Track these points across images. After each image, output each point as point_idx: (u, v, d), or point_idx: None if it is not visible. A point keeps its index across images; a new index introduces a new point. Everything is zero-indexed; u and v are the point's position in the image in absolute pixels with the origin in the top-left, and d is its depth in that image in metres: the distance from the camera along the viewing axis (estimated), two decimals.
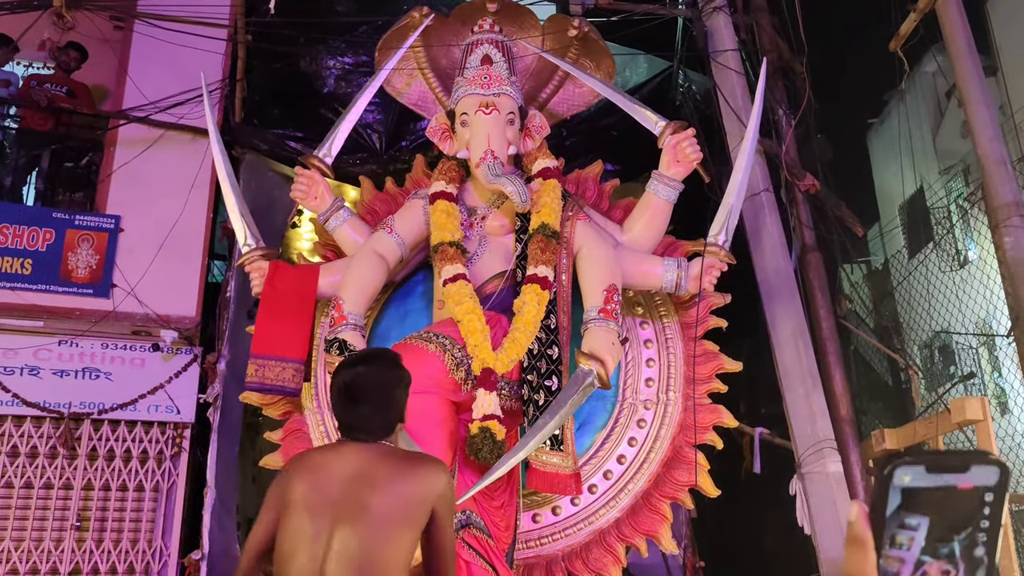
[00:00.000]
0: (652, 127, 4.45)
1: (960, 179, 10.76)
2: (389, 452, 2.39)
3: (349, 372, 2.42)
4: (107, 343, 5.70)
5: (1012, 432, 7.41)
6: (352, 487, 2.28)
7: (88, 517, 5.49)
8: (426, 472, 2.35)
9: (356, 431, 2.39)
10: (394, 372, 2.47)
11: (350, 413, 2.41)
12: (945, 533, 0.76)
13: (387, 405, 2.41)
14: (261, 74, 6.19)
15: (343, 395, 2.40)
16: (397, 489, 2.29)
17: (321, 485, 2.32)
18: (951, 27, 4.65)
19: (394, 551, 2.25)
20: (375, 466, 2.32)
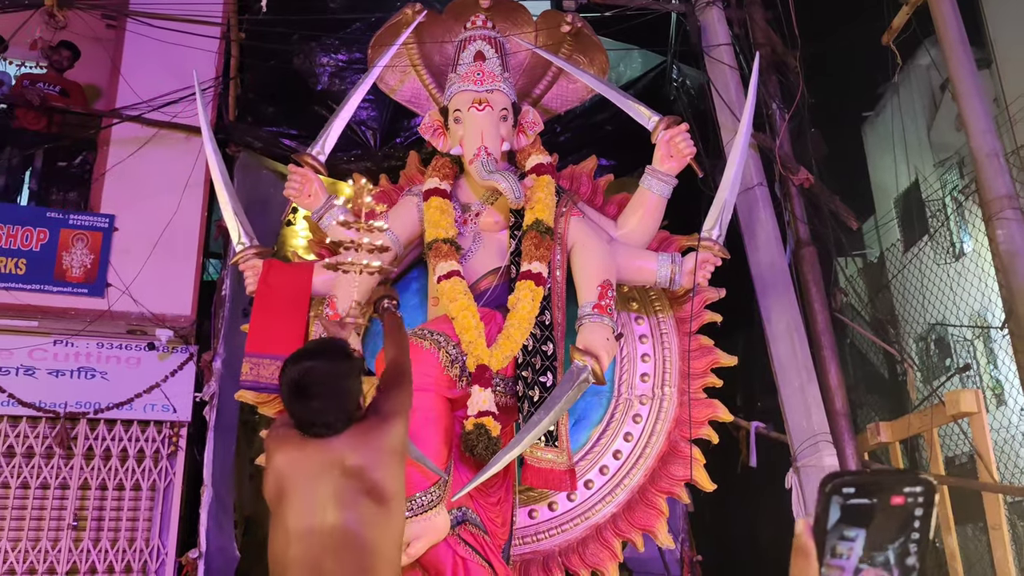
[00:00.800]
0: (646, 122, 4.45)
1: (955, 172, 10.76)
2: (358, 436, 2.38)
3: (297, 367, 2.37)
4: (102, 342, 5.70)
5: (1007, 424, 7.43)
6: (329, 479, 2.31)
7: (85, 517, 5.49)
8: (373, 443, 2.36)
9: (313, 427, 2.36)
10: (344, 363, 2.43)
11: (304, 408, 2.36)
12: (880, 543, 0.84)
13: (340, 398, 2.36)
14: (254, 72, 6.18)
15: (294, 391, 2.35)
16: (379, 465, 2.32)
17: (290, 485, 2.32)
18: (943, 20, 4.65)
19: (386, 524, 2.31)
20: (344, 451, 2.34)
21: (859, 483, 0.85)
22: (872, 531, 0.85)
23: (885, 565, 0.85)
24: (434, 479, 3.71)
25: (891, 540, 0.85)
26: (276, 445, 2.42)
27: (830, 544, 0.85)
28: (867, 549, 0.85)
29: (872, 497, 0.85)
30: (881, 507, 0.85)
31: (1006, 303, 4.48)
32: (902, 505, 0.85)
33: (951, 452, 7.53)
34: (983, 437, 4.46)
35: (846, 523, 0.85)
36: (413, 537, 3.52)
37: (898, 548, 0.85)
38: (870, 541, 0.85)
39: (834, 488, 0.85)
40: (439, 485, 3.70)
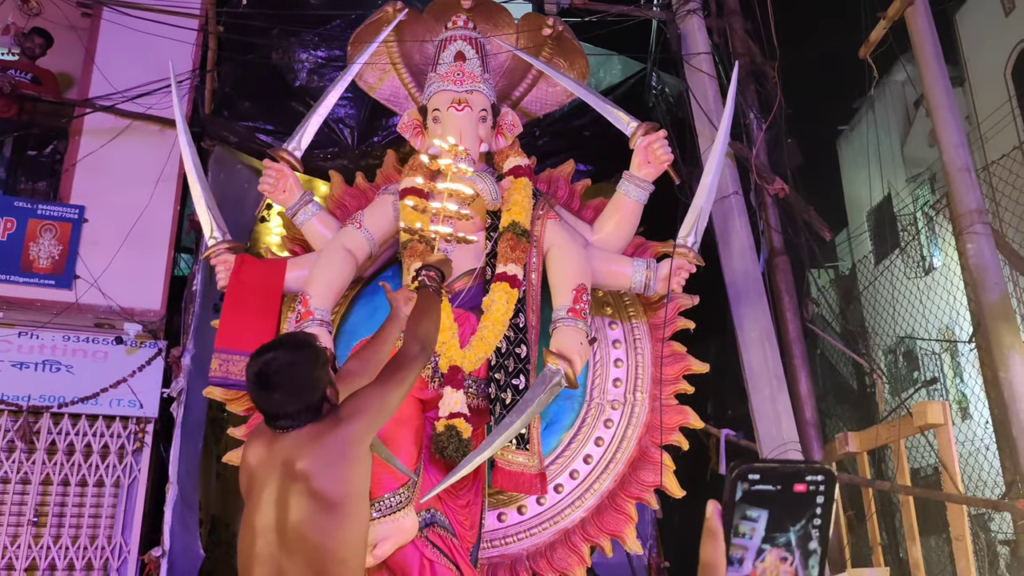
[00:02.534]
0: (624, 128, 4.46)
1: (927, 187, 10.93)
2: (317, 430, 2.32)
3: (259, 360, 2.34)
4: (69, 335, 5.60)
5: (972, 437, 7.54)
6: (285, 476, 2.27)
7: (46, 513, 5.39)
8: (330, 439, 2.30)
9: (277, 419, 2.33)
10: (306, 352, 2.39)
11: (267, 401, 2.33)
12: (782, 525, 0.90)
13: (301, 388, 2.32)
14: (232, 66, 6.11)
15: (256, 384, 2.32)
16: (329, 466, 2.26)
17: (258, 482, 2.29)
18: (919, 36, 4.72)
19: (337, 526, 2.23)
20: (308, 449, 2.29)
21: (764, 470, 0.89)
22: (774, 513, 0.90)
23: (787, 546, 0.90)
24: (403, 480, 3.68)
25: (793, 523, 0.90)
26: (251, 439, 2.41)
27: (734, 523, 0.90)
28: (769, 530, 0.90)
29: (776, 484, 0.89)
30: (784, 493, 0.89)
31: (974, 317, 4.55)
32: (804, 492, 0.89)
33: (917, 464, 7.63)
34: (948, 449, 4.51)
35: (749, 504, 0.90)
36: (380, 538, 3.48)
37: (799, 531, 0.90)
38: (772, 523, 0.90)
39: (740, 474, 0.89)
40: (408, 486, 3.67)
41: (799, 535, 0.90)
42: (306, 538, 2.19)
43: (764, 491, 0.89)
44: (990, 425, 5.03)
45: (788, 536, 0.90)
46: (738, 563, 0.91)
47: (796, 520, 0.90)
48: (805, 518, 0.90)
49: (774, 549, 0.90)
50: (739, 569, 0.91)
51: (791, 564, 0.91)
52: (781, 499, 0.89)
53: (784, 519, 0.90)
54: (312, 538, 2.19)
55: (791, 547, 0.90)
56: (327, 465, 2.23)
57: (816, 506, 0.90)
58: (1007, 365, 4.14)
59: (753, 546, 0.90)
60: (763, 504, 0.90)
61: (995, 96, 10.05)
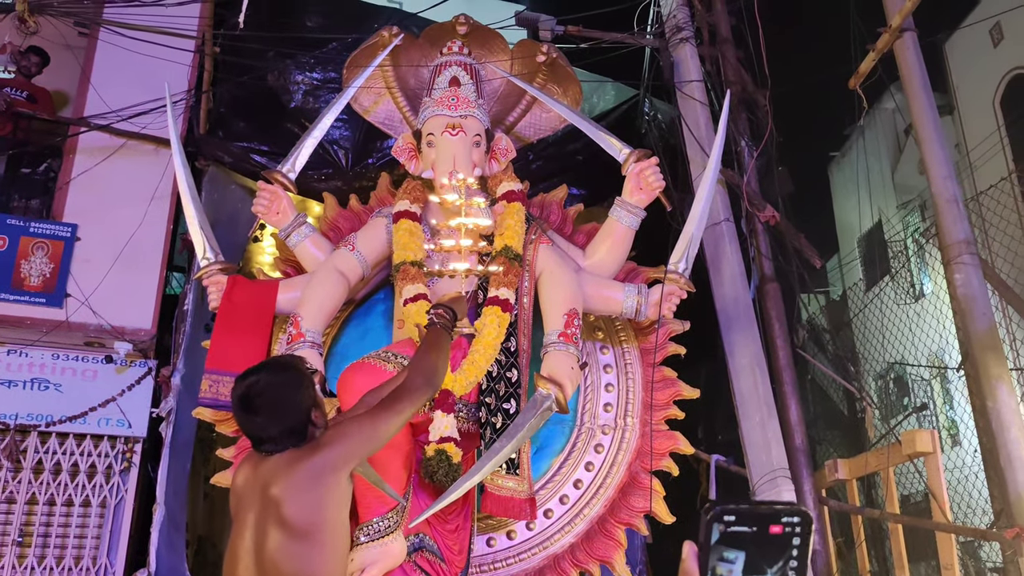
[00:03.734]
0: (616, 154, 4.49)
1: (917, 214, 11.02)
2: (292, 455, 2.30)
3: (242, 384, 2.35)
4: (58, 353, 5.58)
5: (961, 464, 7.55)
6: (264, 500, 2.25)
7: (31, 532, 5.34)
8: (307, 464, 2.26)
9: (262, 443, 2.32)
10: (286, 375, 2.39)
11: (250, 424, 2.34)
12: (759, 567, 0.90)
13: (283, 411, 2.32)
14: (227, 87, 6.13)
15: (240, 408, 2.33)
16: (300, 492, 2.23)
17: (243, 502, 2.28)
18: (907, 67, 4.78)
19: (306, 556, 2.19)
20: (284, 474, 2.26)
21: (739, 512, 0.90)
22: (751, 555, 0.90)
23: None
24: (392, 504, 3.66)
25: (770, 565, 0.90)
26: (243, 462, 2.41)
27: (711, 565, 0.90)
28: (746, 571, 0.90)
29: (752, 525, 0.90)
30: (760, 535, 0.90)
31: (963, 346, 4.57)
32: (780, 534, 0.90)
33: (907, 490, 7.63)
34: (937, 477, 4.52)
35: (726, 545, 0.90)
36: (369, 563, 3.47)
37: (776, 572, 0.90)
38: (749, 564, 0.90)
39: (715, 516, 0.90)
40: (397, 511, 3.66)
41: None
42: (279, 566, 2.17)
43: (740, 532, 0.90)
44: (979, 452, 5.05)
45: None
46: None
47: (773, 562, 0.90)
48: (782, 559, 0.90)
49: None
50: None
51: None
52: (757, 541, 0.90)
53: (761, 561, 0.90)
54: (285, 567, 2.16)
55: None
56: (298, 492, 2.20)
57: (792, 547, 0.90)
58: (995, 395, 4.16)
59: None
60: (740, 546, 0.90)
61: (984, 125, 10.17)
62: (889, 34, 4.96)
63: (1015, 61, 10.03)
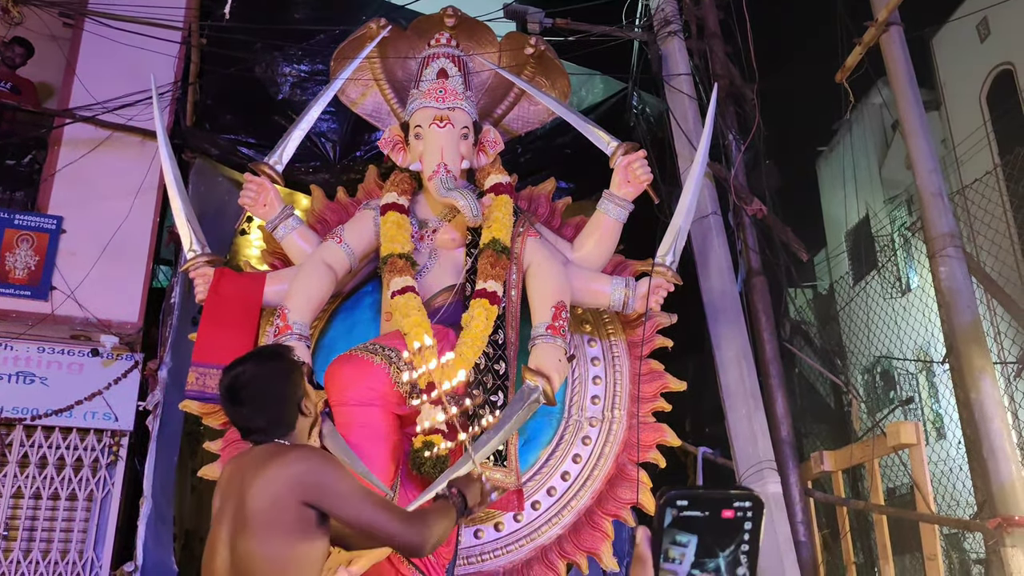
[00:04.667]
0: (604, 147, 4.50)
1: (904, 208, 11.08)
2: (271, 449, 2.26)
3: (228, 375, 2.33)
4: (44, 347, 5.55)
5: (946, 457, 7.61)
6: (239, 493, 2.21)
7: (17, 526, 5.31)
8: (276, 465, 2.17)
9: (250, 433, 2.31)
10: (273, 364, 2.37)
11: (236, 415, 2.32)
12: (711, 551, 0.91)
13: (269, 401, 2.30)
14: (214, 79, 6.10)
15: (226, 399, 2.31)
16: (260, 489, 2.16)
17: (225, 493, 2.26)
18: (894, 63, 4.80)
19: (265, 556, 2.12)
20: (256, 465, 2.21)
21: (692, 497, 0.91)
22: (704, 539, 0.91)
23: (716, 572, 0.91)
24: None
25: (722, 549, 0.91)
26: (234, 456, 2.39)
27: (664, 548, 0.91)
28: (699, 555, 0.91)
29: (704, 510, 0.91)
30: (712, 519, 0.91)
31: (947, 339, 4.61)
32: (732, 519, 0.91)
33: (892, 483, 7.69)
34: (921, 469, 4.56)
35: (679, 529, 0.91)
36: (356, 554, 3.47)
37: (729, 557, 0.91)
38: (702, 548, 0.91)
39: (668, 500, 0.91)
40: None
41: (728, 561, 0.91)
42: (249, 561, 2.14)
43: (693, 517, 0.91)
44: (963, 445, 5.09)
45: (717, 562, 0.91)
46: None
47: (725, 546, 0.91)
48: (734, 544, 0.91)
49: (704, 574, 0.92)
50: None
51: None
52: (710, 525, 0.91)
53: (713, 545, 0.91)
54: (255, 562, 2.13)
55: (720, 572, 0.92)
56: (266, 489, 2.15)
57: (744, 532, 0.91)
58: (978, 387, 4.20)
59: (683, 571, 0.92)
60: (692, 530, 0.91)
61: (971, 120, 10.23)
62: (875, 28, 4.98)
63: (1001, 57, 10.09)
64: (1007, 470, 4.07)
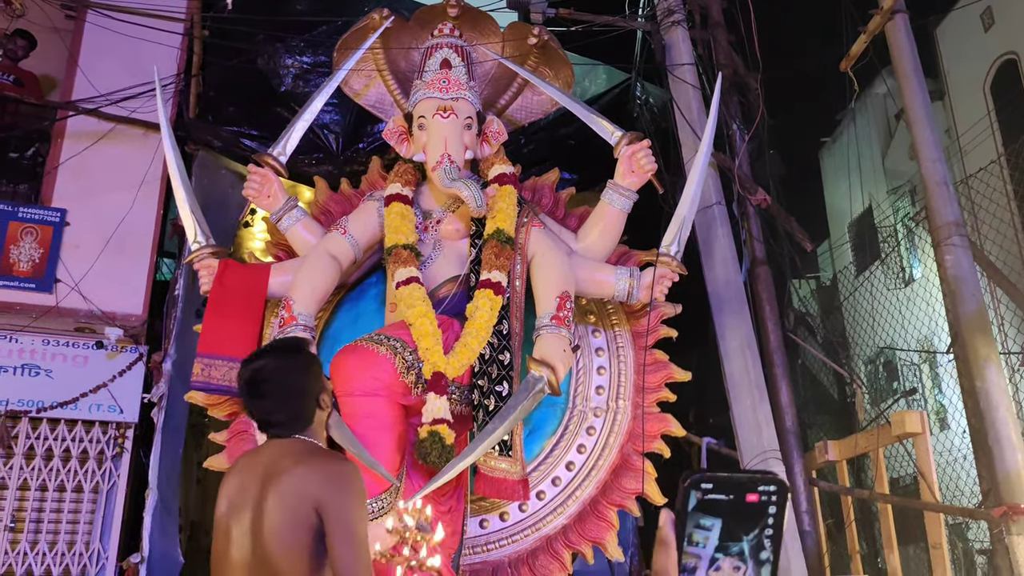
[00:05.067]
0: (608, 137, 4.49)
1: (907, 199, 11.06)
2: (296, 448, 2.26)
3: (249, 367, 2.34)
4: (48, 339, 5.56)
5: (950, 447, 7.61)
6: (262, 489, 2.21)
7: (23, 518, 5.33)
8: (306, 469, 2.19)
9: (269, 426, 2.32)
10: (295, 359, 2.38)
11: (257, 408, 2.33)
12: (736, 535, 0.91)
13: (291, 395, 2.31)
14: (217, 70, 6.09)
15: (247, 391, 2.32)
16: (284, 489, 2.17)
17: (244, 486, 2.25)
18: (898, 51, 4.78)
19: (292, 558, 2.13)
20: (278, 465, 2.22)
21: (716, 480, 0.90)
22: (728, 523, 0.91)
23: (740, 556, 0.91)
24: (386, 486, 3.68)
25: (746, 533, 0.91)
26: (245, 453, 2.39)
27: (688, 532, 0.91)
28: (723, 539, 0.91)
29: (728, 493, 0.90)
30: (737, 503, 0.91)
31: (952, 327, 4.60)
32: (756, 503, 0.91)
33: (896, 473, 7.69)
34: (926, 458, 4.56)
35: (703, 513, 0.91)
36: None
37: (753, 540, 0.91)
38: (726, 532, 0.91)
39: (693, 483, 0.90)
40: (390, 492, 3.67)
41: (752, 545, 0.91)
42: (272, 551, 2.15)
43: (717, 500, 0.90)
44: (968, 435, 5.09)
45: (741, 545, 0.91)
46: (691, 572, 0.92)
47: (749, 530, 0.91)
48: (758, 528, 0.91)
49: (727, 558, 0.91)
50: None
51: (744, 574, 0.91)
52: (734, 509, 0.90)
53: (737, 528, 0.91)
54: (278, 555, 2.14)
55: (744, 556, 0.91)
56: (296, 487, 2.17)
57: (768, 516, 0.91)
58: (983, 376, 4.19)
59: (707, 555, 0.91)
60: (716, 513, 0.91)
61: (974, 110, 10.19)
62: (880, 16, 4.96)
63: (1006, 46, 10.05)
64: (1012, 458, 4.07)
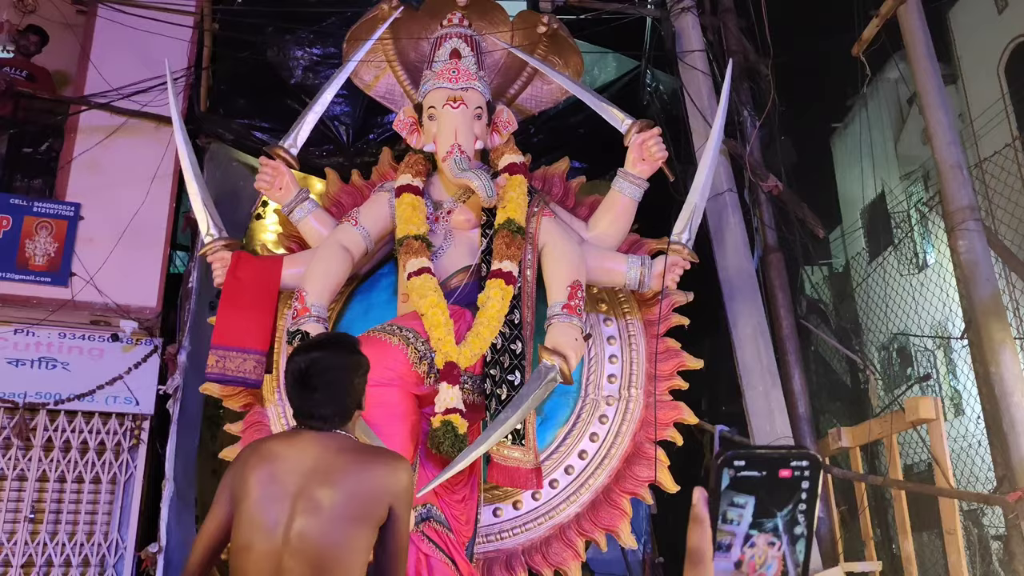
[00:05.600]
0: (619, 125, 4.48)
1: (920, 184, 10.98)
2: (347, 444, 2.32)
3: (304, 357, 2.36)
4: (65, 332, 5.61)
5: (964, 433, 7.58)
6: (309, 480, 2.23)
7: (43, 509, 5.39)
8: (384, 468, 2.29)
9: (311, 418, 2.34)
10: (351, 358, 2.41)
11: (304, 399, 2.35)
12: (769, 511, 0.91)
13: (343, 391, 2.35)
14: (227, 63, 6.11)
15: (297, 381, 2.34)
16: (354, 485, 2.23)
17: (277, 476, 2.26)
18: (911, 34, 4.74)
19: (351, 548, 2.20)
20: (333, 459, 2.26)
21: (749, 457, 0.90)
22: (761, 499, 0.91)
23: (774, 531, 0.91)
24: None
25: (780, 508, 0.91)
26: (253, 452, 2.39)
27: (721, 510, 0.91)
28: (756, 516, 0.91)
29: (761, 470, 0.90)
30: (770, 479, 0.90)
31: (966, 313, 4.58)
32: (789, 478, 0.91)
33: (910, 460, 7.67)
34: (940, 443, 4.55)
35: (736, 490, 0.90)
36: None
37: (787, 516, 0.91)
38: (759, 508, 0.91)
39: (725, 461, 0.90)
40: None
41: (786, 520, 0.91)
42: (312, 541, 2.18)
43: (750, 477, 0.90)
44: (982, 421, 5.07)
45: (775, 521, 0.91)
46: (726, 549, 0.92)
47: (783, 505, 0.91)
48: (792, 503, 0.91)
49: (762, 535, 0.91)
50: (727, 555, 0.92)
51: (779, 549, 0.91)
52: (767, 485, 0.90)
53: (771, 504, 0.91)
54: (319, 542, 2.19)
55: (778, 532, 0.91)
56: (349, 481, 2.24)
57: (802, 491, 0.91)
58: (998, 361, 4.17)
59: (741, 532, 0.91)
60: (750, 490, 0.90)
61: (988, 93, 10.09)
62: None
63: (1019, 28, 9.93)
64: None
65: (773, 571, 0.92)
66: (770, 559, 0.92)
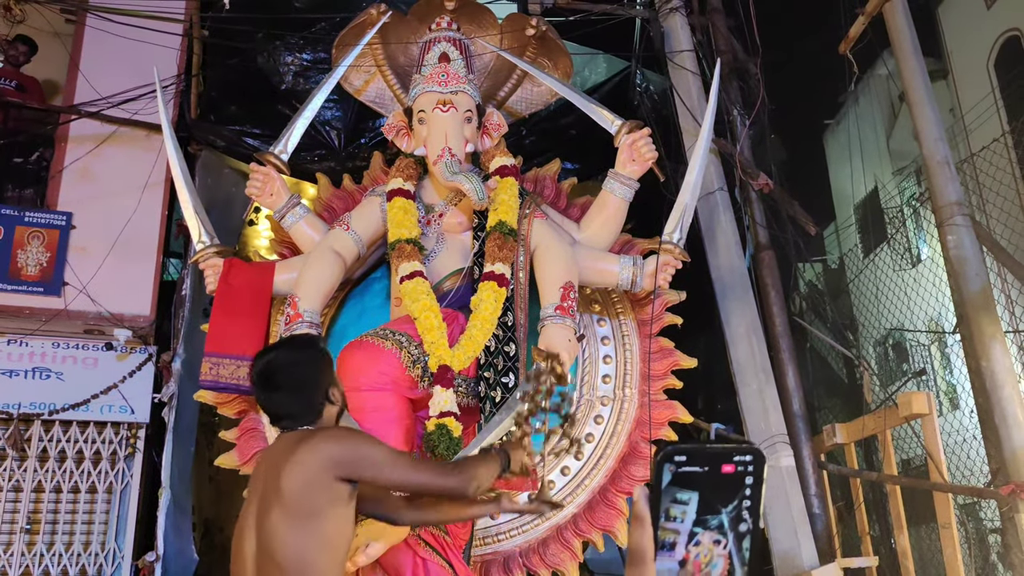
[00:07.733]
0: (609, 126, 4.49)
1: (913, 180, 11.01)
2: (300, 436, 2.30)
3: (262, 360, 2.39)
4: (58, 342, 5.60)
5: (960, 428, 7.60)
6: (266, 483, 2.26)
7: (39, 520, 5.39)
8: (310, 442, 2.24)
9: (281, 419, 2.36)
10: (304, 353, 2.43)
11: (269, 401, 2.38)
12: (713, 507, 0.88)
13: (301, 388, 2.35)
14: (217, 70, 6.11)
15: (259, 384, 2.37)
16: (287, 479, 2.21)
17: (254, 482, 2.32)
18: (897, 31, 4.76)
19: (304, 546, 2.17)
20: (279, 458, 2.26)
21: (690, 452, 0.87)
22: (705, 496, 0.88)
23: (719, 529, 0.89)
24: None
25: (724, 505, 0.88)
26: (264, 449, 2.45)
27: (664, 507, 0.88)
28: (700, 513, 0.88)
29: (703, 465, 0.88)
30: (712, 474, 0.88)
31: (957, 308, 4.59)
32: (732, 473, 0.88)
33: (906, 455, 7.69)
34: (934, 438, 4.56)
35: (678, 487, 0.87)
36: (373, 538, 3.50)
37: (732, 512, 0.88)
38: (703, 505, 0.88)
39: (665, 456, 0.87)
40: None
41: (731, 517, 0.89)
42: (273, 544, 2.19)
43: (692, 473, 0.87)
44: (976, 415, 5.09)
45: (720, 518, 0.89)
46: (670, 547, 0.89)
47: (727, 502, 0.88)
48: (736, 499, 0.88)
49: (707, 532, 0.89)
50: (671, 554, 0.89)
51: (724, 547, 0.89)
52: (710, 481, 0.88)
53: (715, 501, 0.88)
54: (278, 546, 2.18)
55: (723, 529, 0.89)
56: (297, 473, 2.20)
57: (746, 487, 0.88)
58: (989, 355, 4.19)
59: (685, 530, 0.89)
60: (692, 486, 0.88)
61: (979, 88, 10.13)
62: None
63: (1009, 23, 9.97)
64: (1019, 437, 4.07)
65: (719, 570, 0.90)
66: (716, 557, 0.89)
